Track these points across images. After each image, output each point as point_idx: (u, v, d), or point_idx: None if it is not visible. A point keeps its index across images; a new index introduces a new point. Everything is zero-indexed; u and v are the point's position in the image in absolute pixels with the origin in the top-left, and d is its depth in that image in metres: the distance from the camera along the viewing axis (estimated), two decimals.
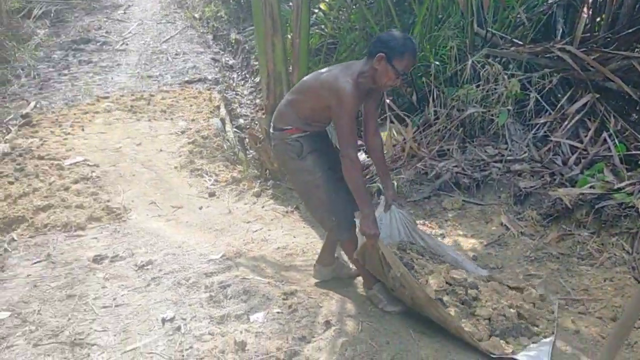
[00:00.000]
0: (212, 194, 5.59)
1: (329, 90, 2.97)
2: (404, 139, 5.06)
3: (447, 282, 3.23)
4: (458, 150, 4.95)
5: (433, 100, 5.19)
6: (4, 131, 7.55)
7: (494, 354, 2.82)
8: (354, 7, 6.93)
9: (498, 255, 4.00)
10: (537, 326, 3.09)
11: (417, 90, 5.79)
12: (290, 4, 6.51)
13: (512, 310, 3.10)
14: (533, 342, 2.96)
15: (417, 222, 4.46)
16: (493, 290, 3.29)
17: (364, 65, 2.99)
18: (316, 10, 6.89)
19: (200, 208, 5.28)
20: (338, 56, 6.95)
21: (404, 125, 5.16)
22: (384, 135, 5.42)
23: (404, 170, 4.93)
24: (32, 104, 8.57)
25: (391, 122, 5.13)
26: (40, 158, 6.27)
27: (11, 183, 5.69)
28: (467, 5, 5.03)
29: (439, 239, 4.20)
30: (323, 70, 3.20)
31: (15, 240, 4.61)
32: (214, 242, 4.42)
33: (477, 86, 5.04)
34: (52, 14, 13.02)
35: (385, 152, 5.14)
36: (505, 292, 3.35)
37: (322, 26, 7.04)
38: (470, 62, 5.01)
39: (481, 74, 5.06)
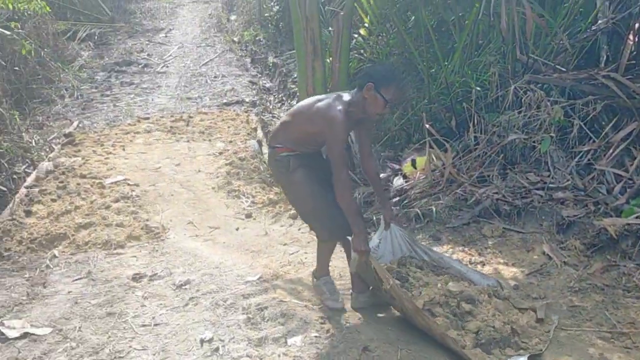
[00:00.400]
0: (248, 215, 5.61)
1: (321, 118, 3.18)
2: (443, 164, 5.02)
3: (443, 294, 3.32)
4: (498, 177, 4.87)
5: (473, 126, 5.15)
6: (48, 149, 7.76)
7: None
8: (393, 32, 6.96)
9: (540, 285, 3.90)
10: (527, 342, 3.15)
11: (456, 116, 5.75)
12: (331, 28, 6.58)
13: (507, 326, 3.17)
14: (518, 355, 3.03)
15: (456, 248, 4.40)
16: (493, 307, 3.34)
17: (354, 95, 3.23)
18: (356, 35, 6.95)
19: (237, 229, 5.30)
20: None
21: (443, 150, 5.12)
22: (422, 160, 5.40)
23: (442, 196, 4.87)
24: (75, 123, 8.80)
25: (430, 147, 5.09)
26: (82, 176, 6.41)
27: (54, 200, 5.83)
28: (508, 31, 5.00)
29: (479, 266, 4.13)
30: (316, 97, 3.41)
31: (57, 257, 4.71)
32: (251, 263, 4.42)
33: (519, 112, 4.98)
34: (96, 37, 13.45)
35: (424, 177, 5.14)
36: (509, 311, 3.38)
37: (362, 51, 7.09)
38: (512, 88, 4.96)
39: (523, 100, 5.00)
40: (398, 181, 5.38)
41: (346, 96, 3.28)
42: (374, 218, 4.96)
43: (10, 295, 4.06)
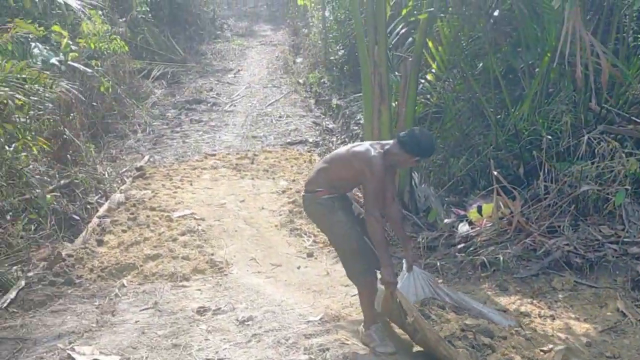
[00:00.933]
0: (310, 255, 5.63)
1: (361, 160, 3.52)
2: (511, 213, 4.92)
3: (462, 329, 3.51)
4: (570, 228, 4.73)
5: (543, 175, 5.04)
6: (120, 182, 8.08)
7: None
8: (460, 78, 6.98)
9: (615, 343, 3.72)
10: None
11: (524, 163, 5.66)
12: (397, 73, 6.66)
13: None
14: None
15: (524, 300, 4.27)
16: (516, 343, 3.50)
17: (393, 147, 3.57)
18: (422, 81, 7.00)
19: (299, 268, 5.33)
20: (443, 126, 6.96)
21: (510, 198, 5.02)
22: (488, 207, 5.31)
23: (510, 245, 4.75)
24: (146, 157, 9.16)
25: (497, 194, 5.00)
26: (152, 209, 6.63)
27: (124, 231, 6.04)
28: (583, 81, 4.93)
29: (548, 320, 3.98)
30: (351, 145, 3.86)
31: (126, 287, 4.85)
32: (312, 303, 4.42)
33: (592, 163, 4.85)
34: (169, 76, 14.06)
35: (490, 224, 5.05)
36: (530, 350, 3.48)
37: (428, 96, 7.12)
38: (586, 137, 4.85)
39: (596, 150, 4.87)
40: (463, 227, 5.30)
41: (384, 144, 3.65)
42: (438, 264, 4.89)
43: (80, 321, 4.20)
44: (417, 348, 3.60)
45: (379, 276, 3.53)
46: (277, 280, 5.02)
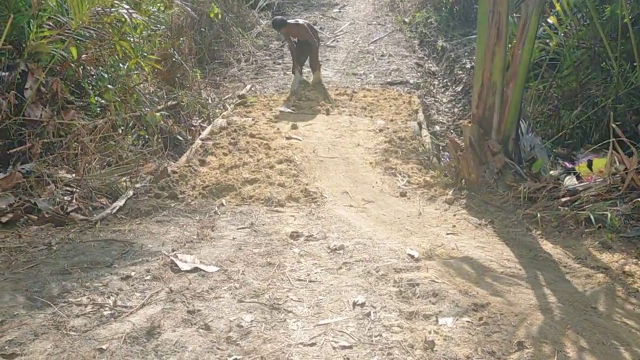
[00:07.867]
0: (403, 194, 5.58)
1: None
2: (625, 169, 4.60)
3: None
4: None
5: None
6: (222, 108, 8.31)
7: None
8: (584, 23, 6.48)
9: None
10: None
11: None
12: (516, 14, 6.27)
13: None
14: None
15: (629, 260, 4.01)
16: None
17: None
18: (543, 24, 6.55)
19: (391, 206, 5.30)
20: (558, 73, 6.54)
21: (627, 153, 4.68)
22: (600, 162, 5.01)
23: (620, 203, 4.47)
24: (248, 86, 9.34)
25: (614, 149, 4.68)
26: (252, 136, 6.81)
27: (225, 154, 6.26)
28: None
29: None
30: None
31: (224, 206, 5.06)
32: (403, 240, 4.40)
33: None
34: (274, 6, 14.10)
35: (600, 179, 4.77)
36: None
37: (547, 40, 6.68)
38: None
39: None
40: (570, 181, 5.03)
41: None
42: (538, 215, 4.70)
43: (183, 233, 4.44)
44: None
45: None
46: (368, 215, 5.03)
